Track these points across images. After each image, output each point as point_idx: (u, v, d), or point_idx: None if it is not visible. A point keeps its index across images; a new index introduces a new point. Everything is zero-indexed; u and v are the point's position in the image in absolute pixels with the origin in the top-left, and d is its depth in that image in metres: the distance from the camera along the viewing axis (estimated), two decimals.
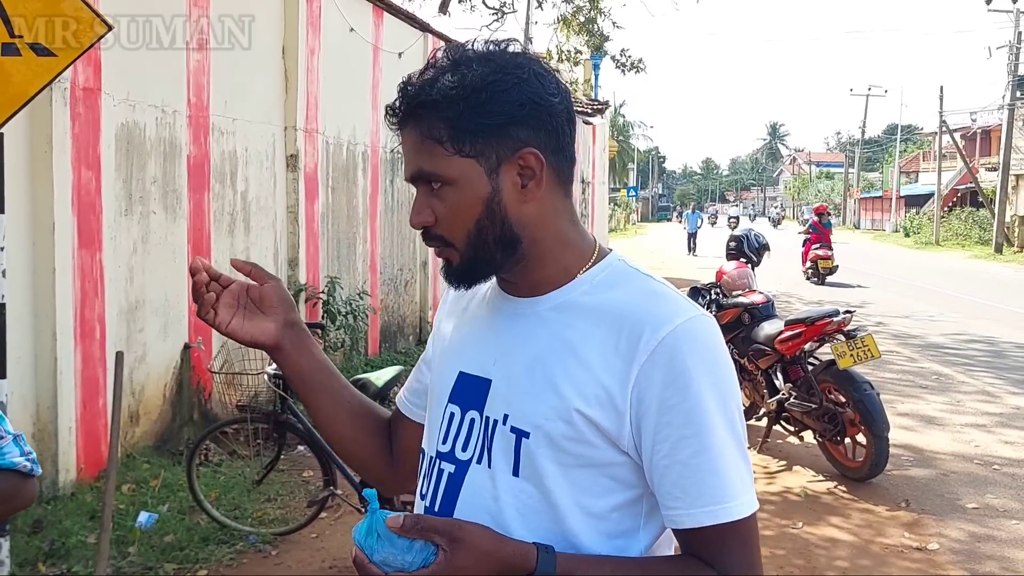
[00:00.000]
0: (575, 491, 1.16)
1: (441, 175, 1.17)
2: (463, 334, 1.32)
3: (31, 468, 1.70)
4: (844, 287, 18.48)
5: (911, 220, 42.06)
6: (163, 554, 4.26)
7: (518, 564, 1.10)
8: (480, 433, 1.21)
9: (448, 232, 1.19)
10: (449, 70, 1.17)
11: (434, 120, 1.16)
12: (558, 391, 1.16)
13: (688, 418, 1.12)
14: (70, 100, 4.83)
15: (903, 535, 4.85)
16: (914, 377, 9.19)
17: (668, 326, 1.13)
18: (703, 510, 1.12)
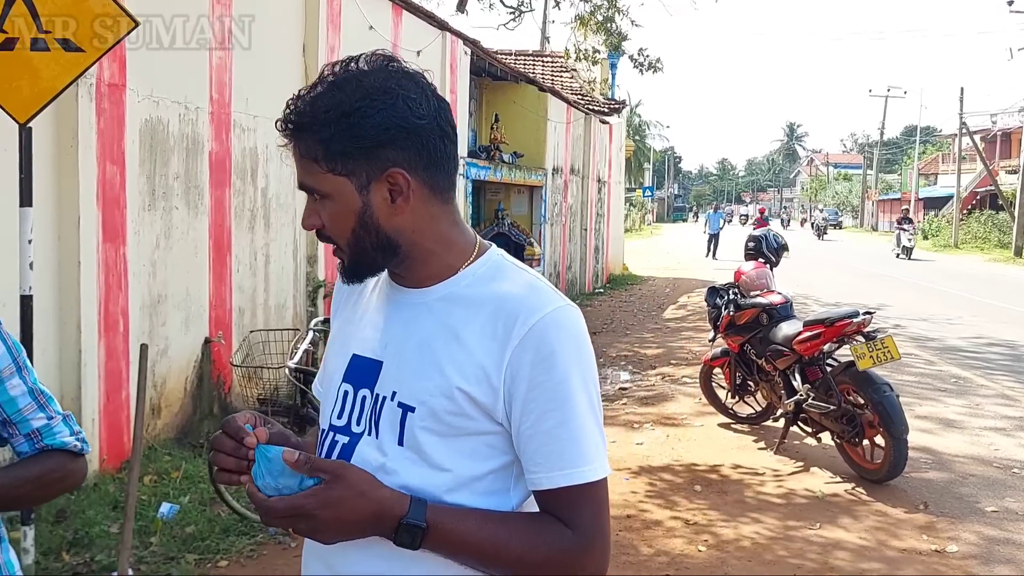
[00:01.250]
0: (456, 456, 1.31)
1: (318, 190, 1.31)
2: (357, 321, 1.45)
3: (81, 448, 1.73)
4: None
5: (929, 223, 41.79)
6: (184, 544, 4.31)
7: (390, 507, 1.25)
8: (370, 409, 1.35)
9: (332, 235, 1.34)
10: (327, 92, 1.29)
11: (310, 140, 1.29)
12: (442, 371, 1.30)
13: (553, 394, 1.28)
14: (96, 96, 4.89)
15: (921, 537, 4.84)
16: (933, 380, 9.14)
17: (538, 314, 1.29)
18: (560, 473, 1.28)
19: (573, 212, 16.98)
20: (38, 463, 1.67)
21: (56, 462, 1.70)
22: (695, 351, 10.32)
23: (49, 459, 1.68)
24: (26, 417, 1.66)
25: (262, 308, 6.83)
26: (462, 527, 1.27)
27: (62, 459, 1.70)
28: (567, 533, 1.28)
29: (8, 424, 1.65)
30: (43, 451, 1.68)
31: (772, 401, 6.60)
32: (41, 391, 1.70)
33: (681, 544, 4.66)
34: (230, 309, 6.38)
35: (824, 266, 24.46)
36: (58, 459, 1.70)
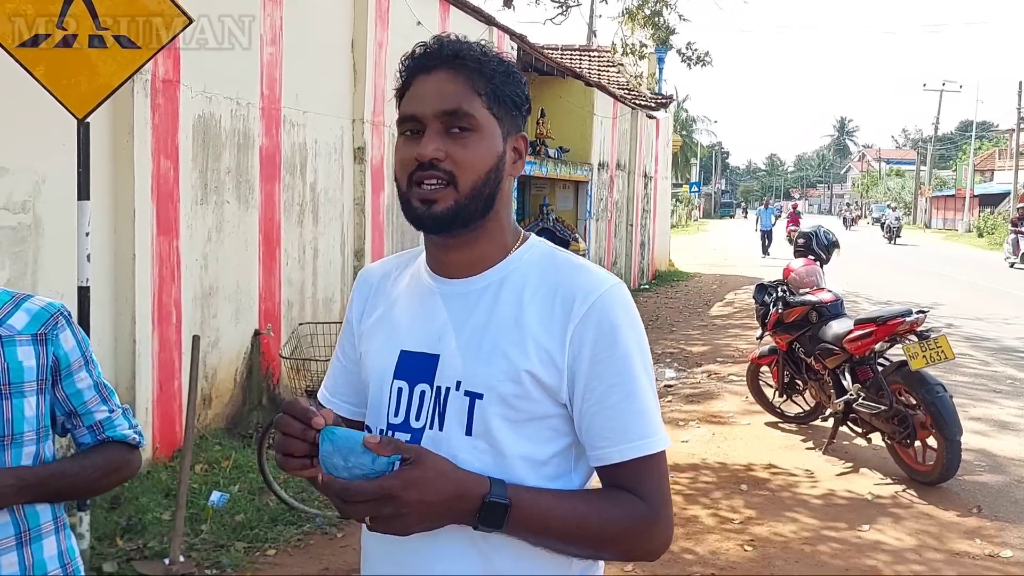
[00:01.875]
0: (522, 442, 1.32)
1: (477, 119, 1.31)
2: (395, 319, 1.43)
3: (138, 440, 1.79)
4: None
5: (985, 220, 40.75)
6: (234, 532, 4.38)
7: (471, 487, 1.24)
8: (431, 402, 1.34)
9: (459, 171, 1.31)
10: (482, 47, 1.34)
11: (477, 74, 1.32)
12: (506, 356, 1.31)
13: (616, 369, 1.30)
14: (151, 91, 4.99)
15: (974, 541, 4.73)
16: (987, 381, 8.93)
17: (596, 292, 1.31)
18: (630, 445, 1.30)
19: (619, 208, 16.89)
20: (100, 453, 1.73)
21: (116, 453, 1.75)
22: (742, 349, 10.22)
23: (110, 450, 1.74)
24: (90, 409, 1.71)
25: (310, 301, 6.92)
26: (543, 503, 1.27)
27: (121, 450, 1.76)
28: (640, 503, 1.30)
29: (73, 416, 1.70)
30: (103, 442, 1.74)
31: (821, 400, 6.51)
32: (104, 384, 1.76)
33: (726, 543, 4.62)
34: (279, 302, 6.47)
35: (927, 280, 20.20)
36: (118, 450, 1.75)
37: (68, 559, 1.68)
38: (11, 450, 1.58)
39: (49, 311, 1.67)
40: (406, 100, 1.34)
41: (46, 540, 1.63)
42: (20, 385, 1.59)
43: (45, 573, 1.63)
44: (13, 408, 1.58)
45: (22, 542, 1.59)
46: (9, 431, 1.57)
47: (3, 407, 1.57)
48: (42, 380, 1.63)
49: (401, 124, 1.35)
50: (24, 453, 1.60)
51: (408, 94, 1.34)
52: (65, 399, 1.68)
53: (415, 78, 1.34)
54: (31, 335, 1.62)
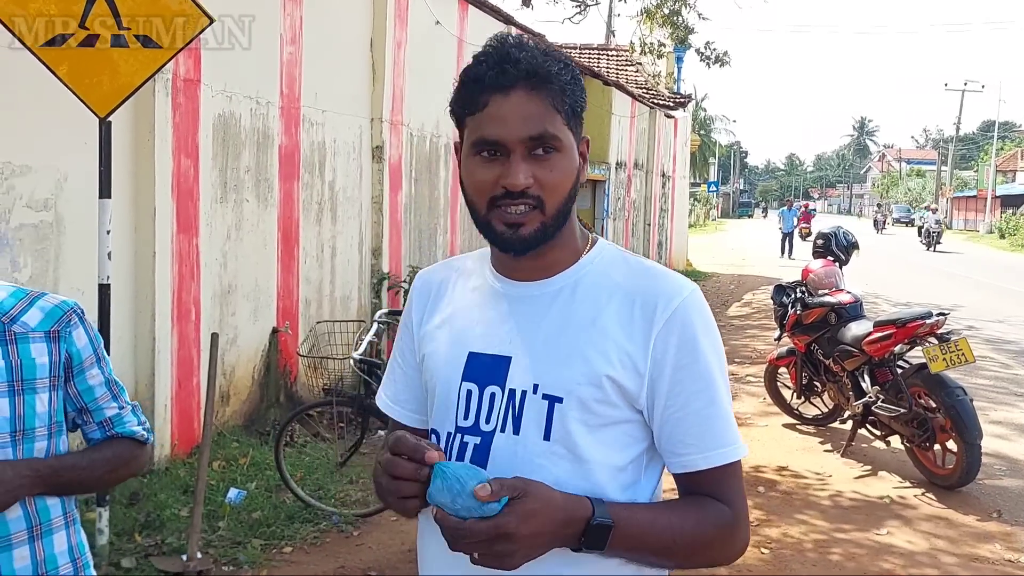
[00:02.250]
0: (601, 448, 1.29)
1: (562, 140, 1.28)
2: (460, 320, 1.40)
3: (147, 437, 1.81)
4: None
5: (1007, 221, 40.34)
6: (251, 529, 4.41)
7: (575, 511, 1.21)
8: (503, 405, 1.31)
9: (545, 195, 1.28)
10: (542, 52, 1.29)
11: (555, 91, 1.28)
12: (587, 359, 1.28)
13: (699, 375, 1.29)
14: (172, 91, 5.02)
15: (993, 546, 4.69)
16: (1008, 384, 8.84)
17: (678, 298, 1.30)
18: (716, 452, 1.29)
19: (636, 207, 16.85)
20: (109, 448, 1.75)
21: (125, 449, 1.77)
22: (760, 350, 10.16)
23: (119, 445, 1.76)
24: (101, 406, 1.73)
25: (328, 299, 6.95)
26: (640, 519, 1.25)
27: (130, 446, 1.78)
28: (724, 509, 1.29)
29: (85, 412, 1.72)
30: (113, 438, 1.76)
31: (839, 402, 6.47)
32: (115, 381, 1.77)
33: None
34: (297, 300, 6.50)
35: (947, 281, 19.07)
36: (127, 446, 1.78)
37: (78, 554, 1.70)
38: (23, 445, 1.59)
39: (62, 308, 1.68)
40: (484, 121, 1.27)
41: (57, 535, 1.65)
42: (33, 382, 1.61)
43: (56, 567, 1.64)
44: (25, 404, 1.60)
45: (34, 536, 1.61)
46: (21, 426, 1.59)
47: (15, 403, 1.58)
48: (55, 377, 1.65)
49: (477, 145, 1.28)
50: (36, 448, 1.61)
51: (484, 115, 1.27)
52: (77, 395, 1.70)
53: (490, 97, 1.26)
54: (44, 332, 1.64)
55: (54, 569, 1.64)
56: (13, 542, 1.58)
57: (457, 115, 1.33)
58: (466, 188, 1.34)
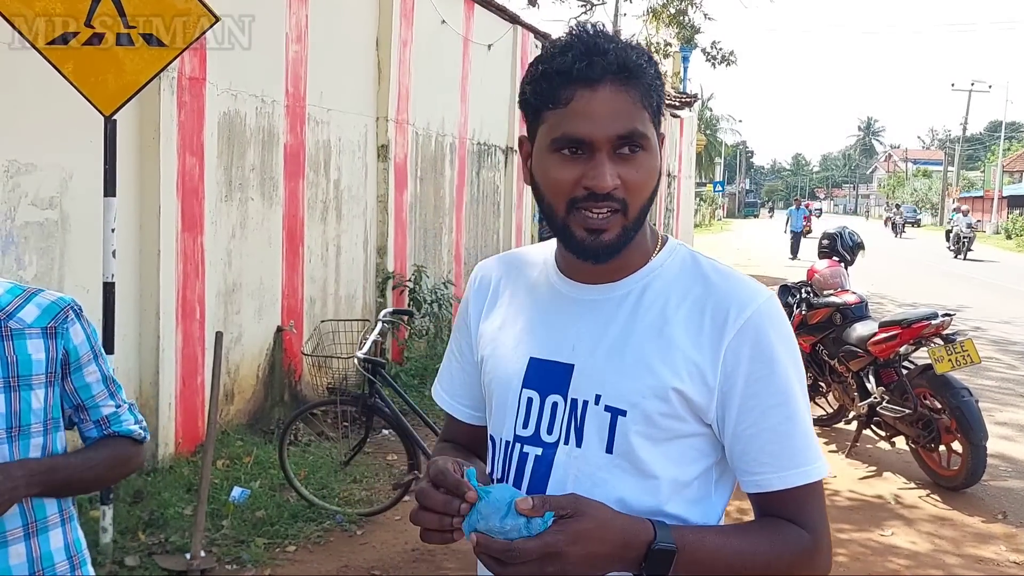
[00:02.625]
0: (666, 463, 1.22)
1: (649, 139, 1.20)
2: (522, 322, 1.33)
3: (143, 436, 1.81)
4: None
5: (1014, 221, 40.22)
6: (254, 528, 4.41)
7: (636, 534, 1.13)
8: (565, 415, 1.25)
9: (630, 197, 1.20)
10: (624, 45, 1.20)
11: (644, 87, 1.19)
12: (652, 370, 1.21)
13: (775, 389, 1.20)
14: (177, 89, 5.03)
15: (999, 547, 4.67)
16: (1014, 385, 8.81)
17: (752, 305, 1.21)
18: (795, 472, 1.20)
19: None
20: (106, 447, 1.74)
21: (122, 448, 1.76)
22: None
23: (116, 444, 1.75)
24: (98, 403, 1.72)
25: (333, 298, 6.95)
26: (708, 543, 1.17)
27: (127, 445, 1.77)
28: (803, 534, 1.21)
29: (81, 409, 1.71)
30: (109, 436, 1.75)
31: (844, 403, 6.45)
32: (112, 379, 1.76)
33: None
34: (302, 299, 6.51)
35: (954, 282, 18.59)
36: (123, 445, 1.77)
37: (75, 551, 1.69)
38: (19, 442, 1.58)
39: (59, 305, 1.67)
40: (568, 117, 1.17)
41: (52, 532, 1.65)
42: (28, 378, 1.60)
43: (52, 565, 1.64)
44: (21, 400, 1.59)
45: (29, 533, 1.61)
46: (17, 423, 1.58)
47: (11, 399, 1.57)
48: (51, 373, 1.64)
49: (558, 141, 1.19)
50: (32, 445, 1.60)
51: (569, 110, 1.17)
52: (74, 392, 1.69)
53: (576, 91, 1.17)
54: (41, 328, 1.63)
55: (50, 566, 1.63)
56: (9, 539, 1.58)
57: (533, 108, 1.23)
58: (541, 188, 1.23)
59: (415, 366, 7.61)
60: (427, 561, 4.27)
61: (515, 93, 10.79)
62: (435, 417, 6.21)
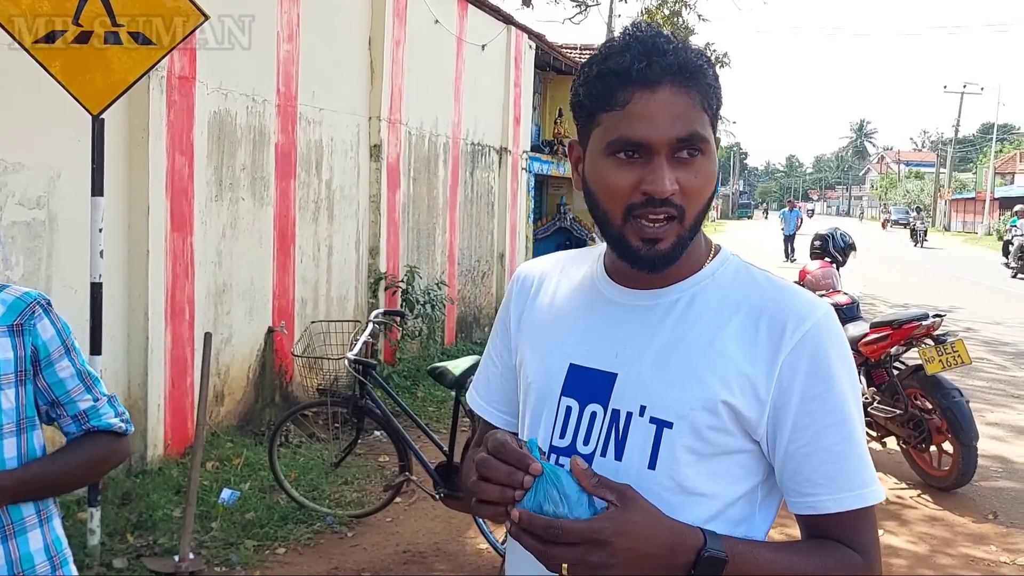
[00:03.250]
0: (711, 480, 1.18)
1: (708, 142, 1.16)
2: (564, 325, 1.29)
3: (125, 428, 1.76)
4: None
5: (1005, 223, 40.39)
6: (244, 530, 4.39)
7: (685, 537, 1.10)
8: (605, 426, 1.20)
9: (687, 203, 1.16)
10: (685, 45, 1.17)
11: (703, 89, 1.15)
12: (702, 381, 1.16)
13: (832, 407, 1.15)
14: (166, 88, 5.00)
15: (989, 548, 4.68)
16: (1005, 386, 8.83)
17: (811, 319, 1.16)
18: (851, 494, 1.15)
19: None
20: (85, 447, 1.70)
21: (103, 444, 1.72)
22: None
23: (95, 441, 1.71)
24: (74, 399, 1.68)
25: (324, 299, 6.93)
26: (760, 558, 1.13)
27: (108, 440, 1.73)
28: (855, 558, 1.16)
29: (57, 405, 1.67)
30: (89, 432, 1.70)
31: None
32: (88, 373, 1.71)
33: None
34: (293, 299, 6.48)
35: (945, 283, 18.63)
36: (104, 440, 1.72)
37: (55, 551, 1.67)
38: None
39: (25, 300, 1.62)
40: (626, 119, 1.13)
41: (31, 533, 1.62)
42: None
43: (32, 566, 1.61)
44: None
45: (6, 535, 1.58)
46: None
47: None
48: (21, 372, 1.59)
49: (615, 144, 1.15)
50: (5, 446, 1.56)
51: (627, 112, 1.13)
52: (47, 388, 1.65)
53: (635, 93, 1.13)
54: (7, 326, 1.58)
55: (30, 567, 1.61)
56: None
57: (587, 111, 1.18)
58: (596, 194, 1.18)
59: (407, 367, 7.59)
60: (418, 563, 4.26)
61: (509, 93, 10.83)
62: (427, 419, 6.20)
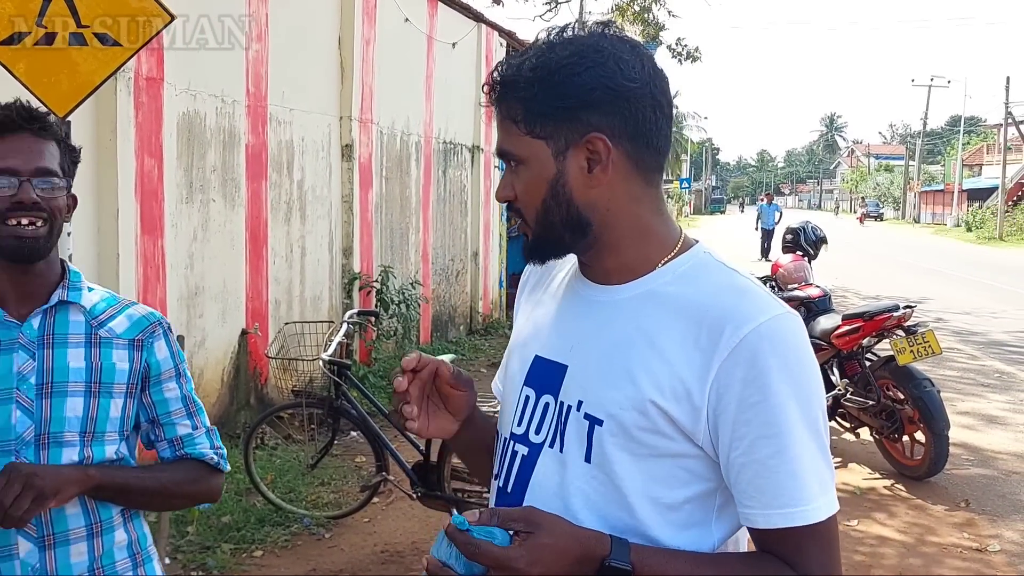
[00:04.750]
0: (646, 480, 1.15)
1: (514, 154, 1.20)
2: (541, 317, 1.33)
3: (218, 462, 1.77)
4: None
5: (974, 215, 40.98)
6: (220, 534, 4.36)
7: (592, 548, 1.09)
8: (553, 417, 1.22)
9: (523, 208, 1.22)
10: (535, 53, 1.19)
11: (512, 101, 1.19)
12: (634, 381, 1.15)
13: (767, 418, 1.10)
14: (134, 89, 4.94)
15: (962, 535, 4.75)
16: (975, 375, 8.96)
17: (751, 324, 1.11)
18: (779, 512, 1.11)
19: None
20: (176, 467, 1.73)
21: (193, 470, 1.74)
22: None
23: (186, 467, 1.73)
24: (173, 421, 1.73)
25: (298, 300, 6.89)
26: (671, 570, 1.11)
27: (199, 469, 1.75)
28: (791, 575, 1.12)
29: (156, 425, 1.72)
30: (182, 459, 1.73)
31: None
32: (194, 400, 1.77)
33: None
34: (266, 301, 6.44)
35: (915, 275, 19.10)
36: (195, 468, 1.74)
37: (138, 549, 1.70)
38: (92, 447, 1.60)
39: (149, 319, 1.72)
40: None
41: (117, 531, 1.66)
42: (110, 386, 1.63)
43: (113, 562, 1.65)
44: (99, 407, 1.61)
45: (92, 533, 1.62)
46: (92, 428, 1.61)
47: (90, 404, 1.60)
48: (132, 384, 1.67)
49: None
50: (106, 451, 1.62)
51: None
52: (151, 405, 1.71)
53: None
54: (128, 340, 1.67)
55: (111, 564, 1.64)
56: (71, 538, 1.59)
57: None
58: None
59: (383, 367, 7.56)
60: (396, 563, 4.25)
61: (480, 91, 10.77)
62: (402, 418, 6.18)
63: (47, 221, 1.61)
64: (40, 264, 1.64)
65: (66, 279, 1.69)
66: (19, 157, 1.58)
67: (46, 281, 1.67)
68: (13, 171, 1.57)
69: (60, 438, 1.58)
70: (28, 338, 1.61)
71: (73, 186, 1.79)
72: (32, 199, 1.57)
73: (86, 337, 1.64)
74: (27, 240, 1.58)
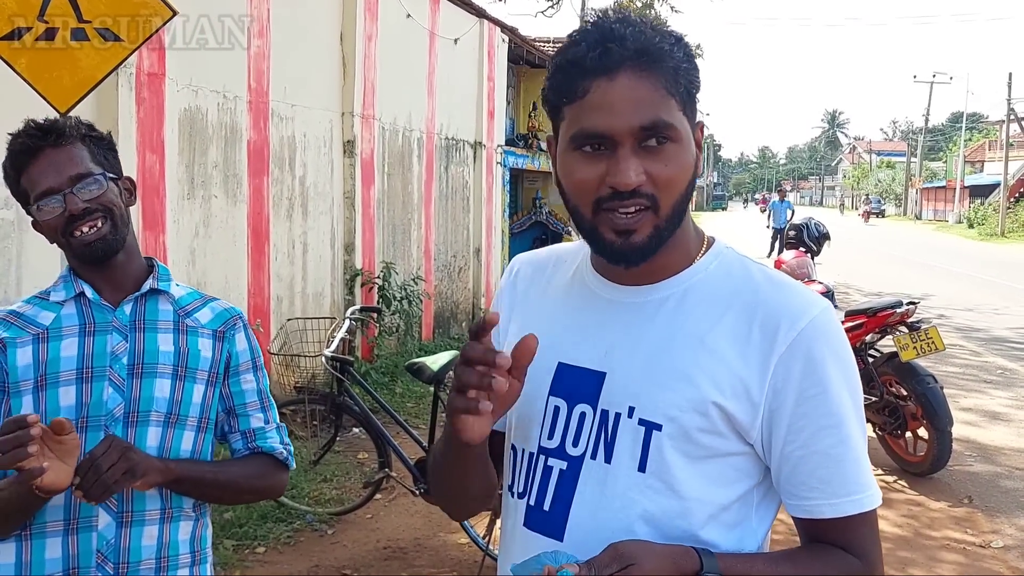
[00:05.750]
0: (703, 483, 1.14)
1: (677, 129, 1.10)
2: (552, 322, 1.24)
3: (286, 457, 1.84)
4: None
5: (975, 211, 40.92)
6: (223, 530, 4.35)
7: (684, 565, 1.09)
8: (594, 427, 1.17)
9: (660, 192, 1.10)
10: (649, 27, 1.11)
11: (668, 72, 1.09)
12: (691, 381, 1.12)
13: (827, 409, 1.12)
14: (135, 85, 4.94)
15: (965, 531, 4.74)
16: (978, 371, 8.95)
17: (805, 318, 1.12)
18: (847, 499, 1.13)
19: None
20: (248, 462, 1.80)
21: (262, 465, 1.82)
22: None
23: (256, 461, 1.81)
24: (248, 412, 1.80)
25: (300, 296, 6.88)
26: (756, 571, 1.12)
27: (267, 464, 1.82)
28: (856, 563, 1.14)
29: (232, 415, 1.80)
30: (254, 452, 1.81)
31: None
32: (267, 395, 1.84)
33: None
34: (268, 297, 6.43)
35: (918, 271, 19.27)
36: (264, 463, 1.82)
37: (199, 547, 1.76)
38: (175, 429, 1.68)
39: (231, 312, 1.81)
40: (585, 110, 1.09)
41: (184, 523, 1.72)
42: (195, 371, 1.72)
43: (177, 554, 1.70)
44: (184, 391, 1.70)
45: (164, 518, 1.68)
46: (177, 411, 1.69)
47: (176, 387, 1.69)
48: (214, 373, 1.75)
49: (576, 139, 1.11)
50: (185, 437, 1.70)
51: (586, 103, 1.09)
52: (229, 395, 1.79)
53: (591, 83, 1.08)
54: (212, 331, 1.77)
55: (175, 555, 1.70)
56: (147, 519, 1.66)
57: (552, 105, 1.15)
58: (565, 189, 1.15)
59: (385, 363, 7.56)
60: (399, 559, 4.25)
61: (482, 87, 10.80)
62: (405, 415, 6.18)
63: (105, 218, 1.67)
64: (119, 256, 1.70)
65: (155, 271, 1.78)
66: (51, 175, 1.65)
67: (131, 270, 1.74)
68: (53, 190, 1.64)
69: (147, 417, 1.66)
70: (121, 322, 1.70)
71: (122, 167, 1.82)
72: (79, 207, 1.64)
73: (174, 324, 1.74)
74: (95, 243, 1.65)
